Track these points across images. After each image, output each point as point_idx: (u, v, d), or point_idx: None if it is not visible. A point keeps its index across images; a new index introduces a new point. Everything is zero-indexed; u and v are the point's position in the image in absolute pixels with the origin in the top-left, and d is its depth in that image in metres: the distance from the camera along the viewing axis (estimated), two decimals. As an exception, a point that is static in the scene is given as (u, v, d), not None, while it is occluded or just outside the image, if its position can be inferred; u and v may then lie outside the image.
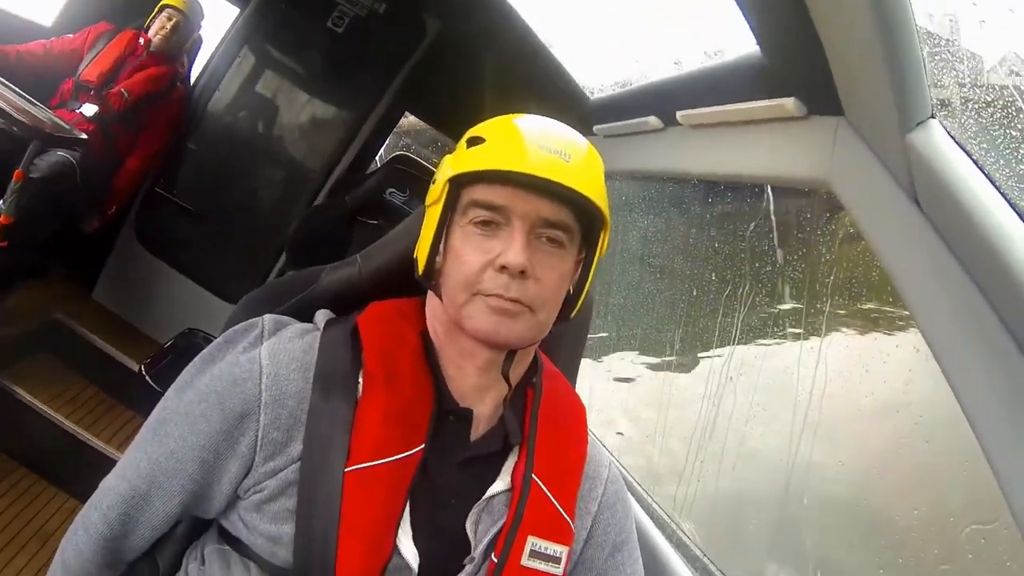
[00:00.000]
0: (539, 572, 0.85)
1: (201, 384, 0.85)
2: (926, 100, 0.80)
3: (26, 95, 2.24)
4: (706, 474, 2.33)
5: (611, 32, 1.99)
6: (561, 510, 0.87)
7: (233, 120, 3.36)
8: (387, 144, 3.85)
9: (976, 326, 0.75)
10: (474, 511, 0.85)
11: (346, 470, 0.79)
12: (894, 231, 0.87)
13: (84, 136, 2.47)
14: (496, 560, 0.82)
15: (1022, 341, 0.71)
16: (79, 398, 2.76)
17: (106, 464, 0.89)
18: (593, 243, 0.86)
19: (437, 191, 0.84)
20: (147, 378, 2.09)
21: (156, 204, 3.25)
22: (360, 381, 0.84)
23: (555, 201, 0.80)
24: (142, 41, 2.93)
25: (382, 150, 3.79)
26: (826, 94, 0.95)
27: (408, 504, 0.81)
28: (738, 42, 1.12)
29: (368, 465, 0.79)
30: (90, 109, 2.79)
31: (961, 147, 0.79)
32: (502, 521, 0.85)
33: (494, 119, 0.87)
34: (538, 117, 0.87)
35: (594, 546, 0.93)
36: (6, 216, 2.25)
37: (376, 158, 3.71)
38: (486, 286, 0.79)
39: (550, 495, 0.87)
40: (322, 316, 0.93)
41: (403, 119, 3.74)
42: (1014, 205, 0.73)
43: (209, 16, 3.16)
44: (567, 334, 1.08)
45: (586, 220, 0.84)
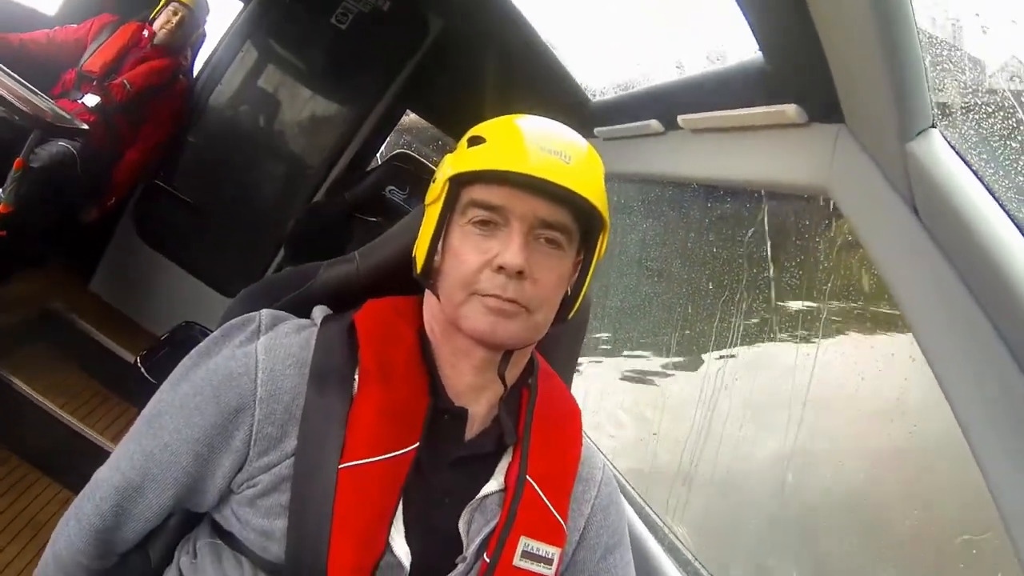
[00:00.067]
0: (531, 573, 0.85)
1: (197, 377, 0.85)
2: (927, 109, 0.80)
3: (28, 84, 2.24)
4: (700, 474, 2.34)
5: (613, 33, 1.99)
6: (554, 511, 0.87)
7: (235, 114, 3.36)
8: (388, 142, 3.85)
9: (972, 336, 0.75)
10: (467, 510, 0.85)
11: (340, 467, 0.79)
12: (892, 240, 0.87)
13: (85, 127, 2.46)
14: (488, 560, 0.83)
15: (1017, 352, 0.71)
16: (74, 389, 2.75)
17: (100, 455, 0.89)
18: (592, 245, 0.86)
19: (437, 190, 0.84)
20: (143, 370, 2.09)
21: (155, 196, 3.25)
22: (356, 378, 0.83)
23: (554, 202, 0.80)
24: (146, 33, 2.93)
25: (383, 148, 3.79)
26: (827, 101, 0.95)
27: (401, 502, 0.81)
28: (740, 44, 1.12)
29: (362, 462, 0.79)
30: (92, 99, 2.79)
31: (961, 157, 0.79)
32: (495, 521, 0.85)
33: (495, 119, 0.86)
34: (539, 118, 0.86)
35: (586, 548, 0.93)
36: (5, 205, 2.25)
37: (376, 155, 3.71)
38: (484, 286, 0.79)
39: (543, 496, 0.87)
40: (319, 312, 0.93)
41: (404, 117, 3.74)
42: (1013, 216, 0.73)
43: (213, 10, 3.16)
44: (564, 335, 1.08)
45: (585, 222, 0.84)
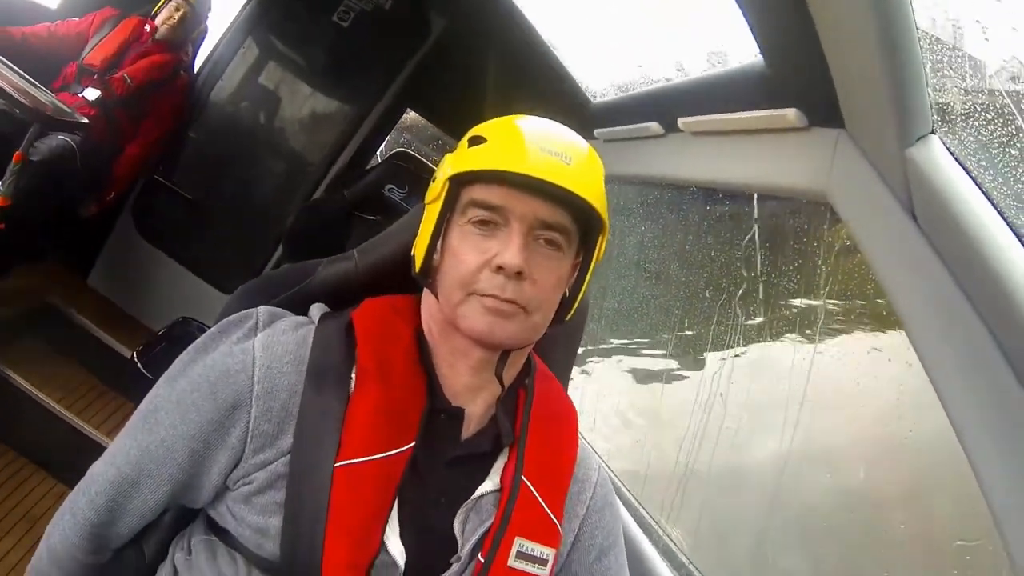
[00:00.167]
0: (525, 573, 0.85)
1: (194, 373, 0.85)
2: (927, 115, 0.81)
3: (29, 77, 2.24)
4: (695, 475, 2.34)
5: (614, 34, 1.99)
6: (549, 512, 0.87)
7: (235, 110, 3.36)
8: (388, 140, 3.85)
9: (968, 343, 0.75)
10: (462, 510, 0.85)
11: (335, 465, 0.79)
12: (890, 245, 0.88)
13: (85, 120, 2.46)
14: (483, 560, 0.82)
15: (1014, 358, 0.71)
16: (71, 383, 2.75)
17: (96, 450, 0.88)
18: (591, 246, 0.86)
19: (437, 189, 0.84)
20: (139, 365, 2.09)
21: (155, 192, 3.25)
22: (353, 376, 0.83)
23: (554, 203, 0.80)
24: (148, 28, 2.93)
25: (383, 146, 3.79)
26: (827, 106, 0.95)
27: (396, 501, 0.81)
28: (741, 45, 1.12)
29: (358, 461, 0.79)
30: (92, 93, 2.79)
31: (960, 163, 0.79)
32: (490, 521, 0.85)
33: (496, 119, 0.86)
34: (540, 119, 0.87)
35: (581, 549, 0.93)
36: (4, 198, 2.25)
37: (376, 154, 3.71)
38: (482, 286, 0.79)
39: (539, 497, 0.87)
40: (317, 310, 0.92)
41: (404, 115, 3.74)
42: (1011, 223, 0.73)
43: (215, 6, 3.15)
44: (561, 336, 1.08)
45: (584, 223, 0.84)
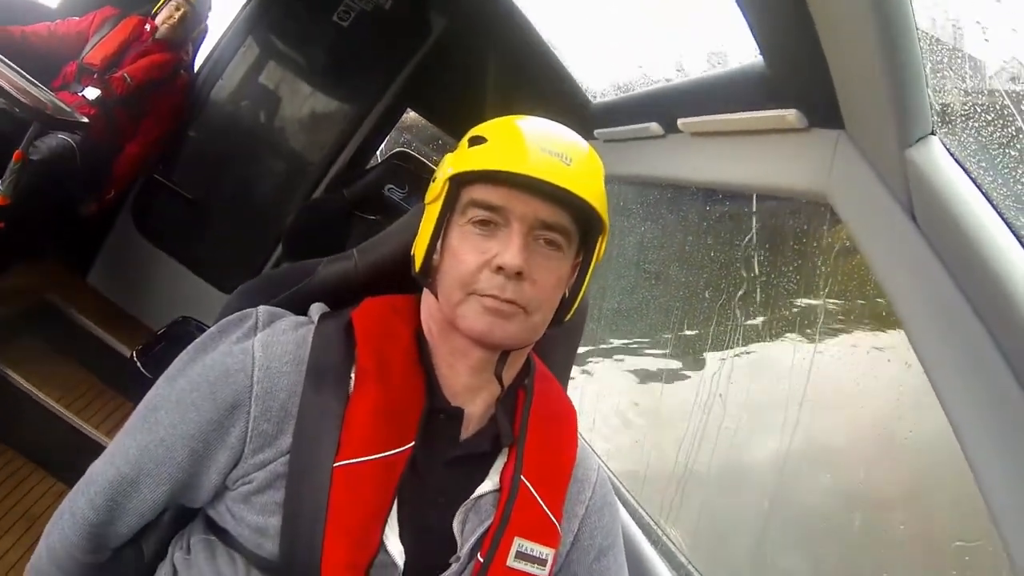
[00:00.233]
0: (524, 573, 0.85)
1: (193, 373, 0.85)
2: (927, 116, 0.81)
3: (29, 76, 2.24)
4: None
5: (614, 34, 1.99)
6: (548, 512, 0.87)
7: (235, 110, 3.36)
8: (388, 140, 3.84)
9: (968, 344, 0.75)
10: (461, 510, 0.85)
11: (335, 465, 0.79)
12: (890, 246, 0.87)
13: (85, 119, 2.46)
14: (482, 560, 0.83)
15: (1013, 360, 0.71)
16: (70, 382, 2.74)
17: (95, 449, 0.88)
18: (591, 247, 0.86)
19: (437, 189, 0.84)
20: (139, 365, 2.09)
21: (155, 191, 3.25)
22: (352, 376, 0.83)
23: (554, 204, 0.80)
24: (148, 28, 2.93)
25: (383, 146, 3.79)
26: (827, 106, 0.95)
27: (396, 501, 0.81)
28: (741, 45, 1.12)
29: (357, 461, 0.79)
30: (92, 92, 2.79)
31: (960, 165, 0.79)
32: (489, 521, 0.85)
33: (497, 119, 0.86)
34: (540, 119, 0.87)
35: (580, 549, 0.93)
36: (4, 197, 2.25)
37: (376, 153, 3.71)
38: (482, 286, 0.79)
39: (538, 497, 0.87)
40: (316, 309, 0.92)
41: (404, 115, 3.74)
42: (1011, 224, 0.73)
43: (215, 5, 3.15)
44: (561, 337, 1.08)
45: (584, 224, 0.84)
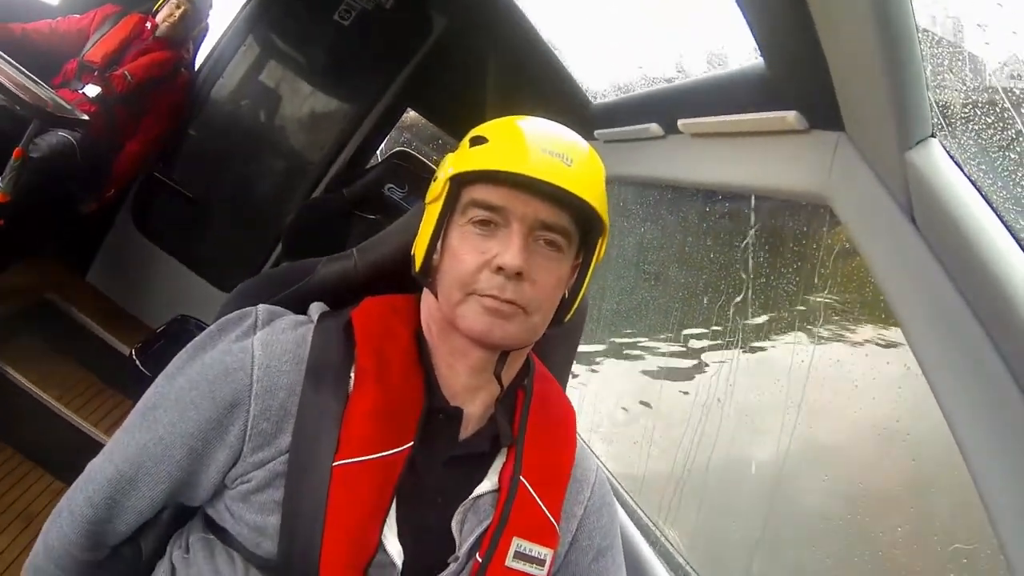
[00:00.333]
0: (523, 573, 0.85)
1: (192, 371, 0.85)
2: (927, 118, 0.80)
3: (29, 73, 2.24)
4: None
5: (614, 34, 1.99)
6: (547, 512, 0.87)
7: (235, 108, 3.36)
8: (388, 139, 3.85)
9: (967, 347, 0.75)
10: (460, 510, 0.85)
11: (333, 464, 0.79)
12: (890, 249, 0.87)
13: (86, 117, 2.46)
14: (480, 560, 0.83)
15: (1013, 363, 0.71)
16: (69, 380, 2.74)
17: (93, 447, 0.88)
18: (591, 248, 0.86)
19: (437, 189, 0.84)
20: (138, 363, 2.09)
21: (155, 189, 3.25)
22: (352, 376, 0.83)
23: (554, 204, 0.80)
24: (148, 25, 2.93)
25: (383, 145, 3.79)
26: (827, 108, 0.95)
27: (394, 501, 0.81)
28: (741, 47, 1.13)
29: (356, 460, 0.79)
30: (93, 90, 2.79)
31: (960, 167, 0.79)
32: (488, 521, 0.85)
33: (498, 120, 0.86)
34: (541, 119, 0.87)
35: (578, 550, 0.93)
36: (4, 194, 2.25)
37: (376, 153, 3.71)
38: (482, 286, 0.79)
39: (537, 497, 0.87)
40: (316, 308, 0.92)
41: (404, 115, 3.74)
42: (1010, 227, 0.73)
43: (216, 4, 3.15)
44: (560, 337, 1.08)
45: (585, 224, 0.84)
